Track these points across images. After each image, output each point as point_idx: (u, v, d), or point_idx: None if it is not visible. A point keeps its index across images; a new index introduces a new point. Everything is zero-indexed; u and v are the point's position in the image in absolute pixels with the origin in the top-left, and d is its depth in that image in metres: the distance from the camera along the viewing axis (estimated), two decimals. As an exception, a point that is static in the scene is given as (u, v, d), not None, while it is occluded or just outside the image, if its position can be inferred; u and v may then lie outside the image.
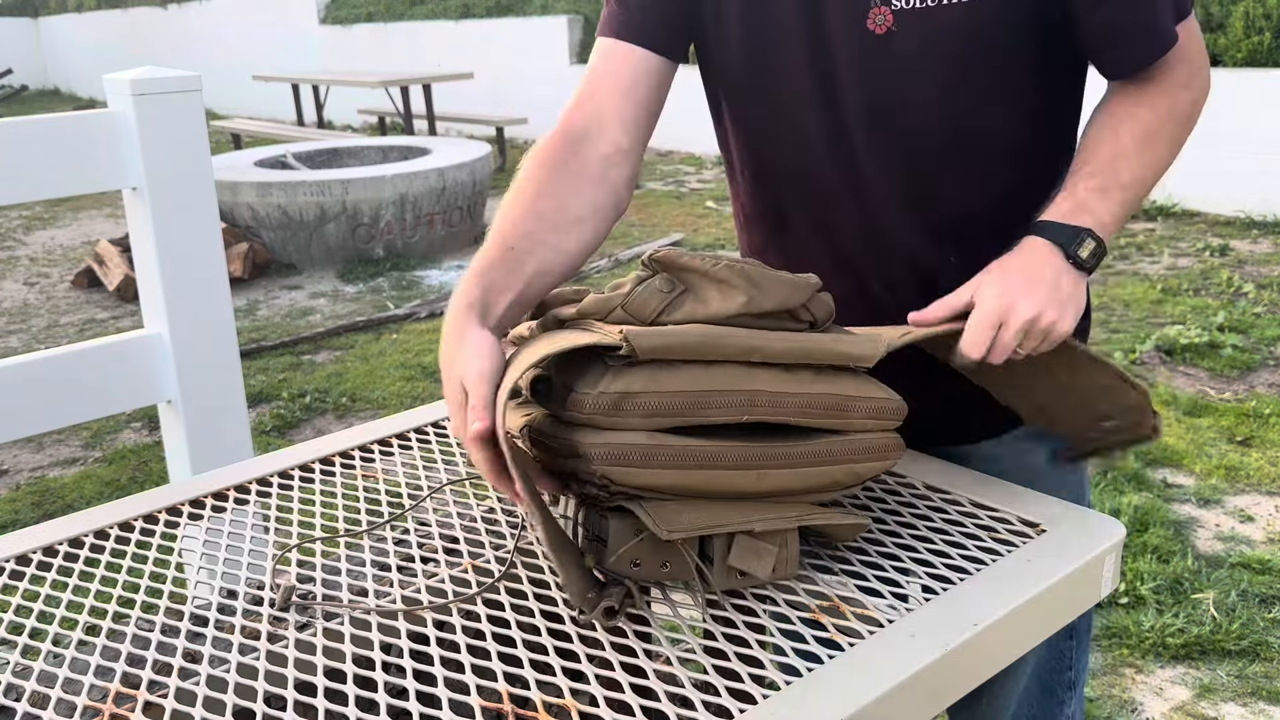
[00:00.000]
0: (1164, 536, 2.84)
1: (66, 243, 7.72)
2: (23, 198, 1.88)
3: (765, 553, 0.93)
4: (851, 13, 1.06)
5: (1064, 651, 1.27)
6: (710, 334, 0.91)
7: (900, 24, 1.05)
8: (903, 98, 1.08)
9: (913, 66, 1.06)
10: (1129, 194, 1.06)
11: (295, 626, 0.92)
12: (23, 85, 19.97)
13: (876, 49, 1.06)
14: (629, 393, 0.88)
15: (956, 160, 1.11)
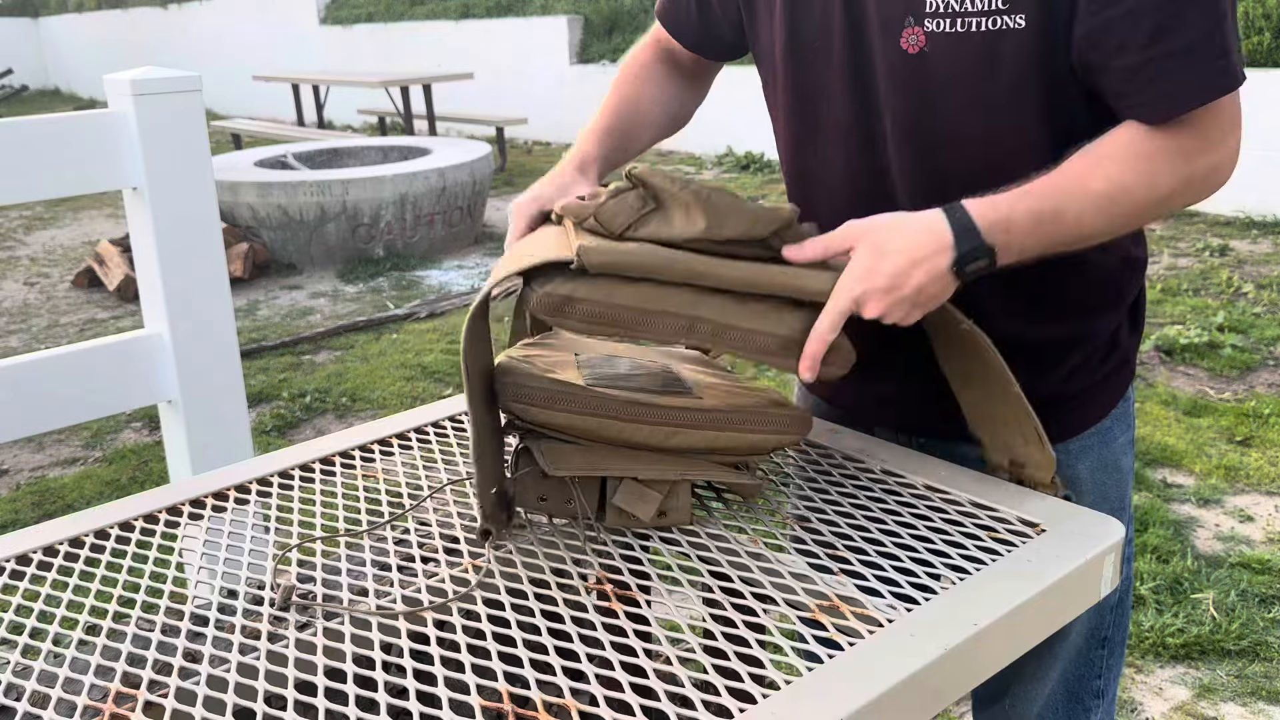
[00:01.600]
0: (1164, 536, 2.84)
1: (67, 243, 7.72)
2: (23, 198, 1.88)
3: (649, 498, 1.01)
4: (888, 30, 1.07)
5: (1094, 660, 1.25)
6: (662, 255, 0.96)
7: (933, 45, 1.05)
8: (933, 118, 1.08)
9: (943, 88, 1.06)
10: (1061, 235, 1.01)
11: (295, 626, 0.92)
12: (23, 85, 19.97)
13: (908, 68, 1.07)
14: (573, 297, 0.95)
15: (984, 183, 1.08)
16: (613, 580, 0.96)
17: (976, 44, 1.03)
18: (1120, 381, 1.23)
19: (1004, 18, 1.01)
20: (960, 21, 1.03)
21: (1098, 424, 1.21)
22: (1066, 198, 1.01)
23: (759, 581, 0.94)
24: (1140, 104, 1.01)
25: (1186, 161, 1.02)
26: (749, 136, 8.97)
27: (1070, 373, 1.19)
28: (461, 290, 5.76)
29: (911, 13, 1.05)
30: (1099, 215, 1.01)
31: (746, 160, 8.95)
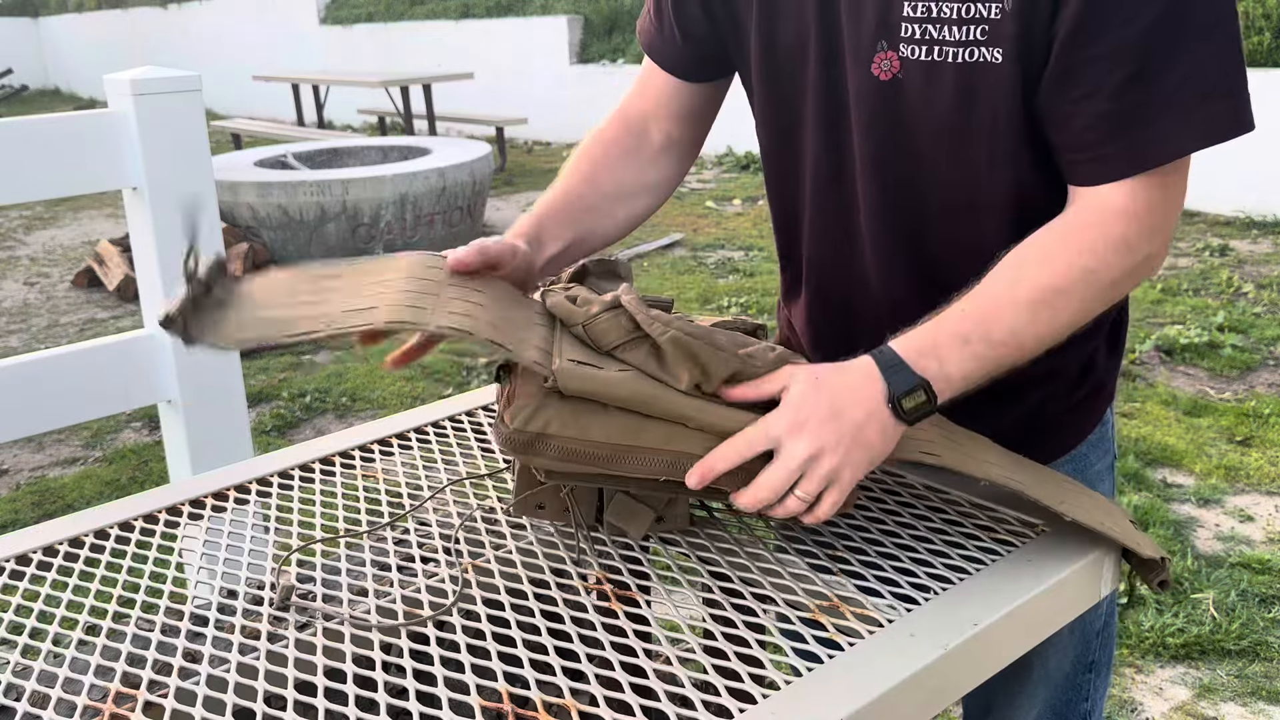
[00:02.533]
0: (1164, 536, 2.84)
1: (66, 243, 7.72)
2: (23, 198, 1.88)
3: (642, 515, 0.98)
4: (860, 55, 1.02)
5: (1081, 684, 1.22)
6: (644, 392, 0.89)
7: (907, 72, 1.00)
8: (902, 151, 1.04)
9: (915, 116, 1.01)
10: (996, 353, 0.94)
11: (295, 626, 0.92)
12: (23, 85, 19.98)
13: (880, 95, 1.02)
14: (545, 434, 0.89)
15: (951, 218, 1.05)
16: (612, 580, 0.96)
17: (951, 75, 0.97)
18: (1095, 407, 1.18)
19: (981, 49, 0.96)
20: (937, 49, 0.98)
21: (1071, 451, 1.17)
22: (993, 315, 0.94)
23: (758, 581, 0.94)
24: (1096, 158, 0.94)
25: (1126, 252, 0.95)
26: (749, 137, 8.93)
27: (1038, 404, 1.14)
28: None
29: (885, 37, 1.00)
30: (1034, 326, 0.95)
31: (746, 160, 8.95)
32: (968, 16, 0.95)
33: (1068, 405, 1.16)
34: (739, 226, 6.88)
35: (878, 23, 1.00)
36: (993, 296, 0.95)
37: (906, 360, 0.92)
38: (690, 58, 1.21)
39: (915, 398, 0.91)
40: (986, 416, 1.10)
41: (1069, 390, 1.15)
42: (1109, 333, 1.17)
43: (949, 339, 0.93)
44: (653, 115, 1.25)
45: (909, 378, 0.91)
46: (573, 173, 1.21)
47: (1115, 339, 1.18)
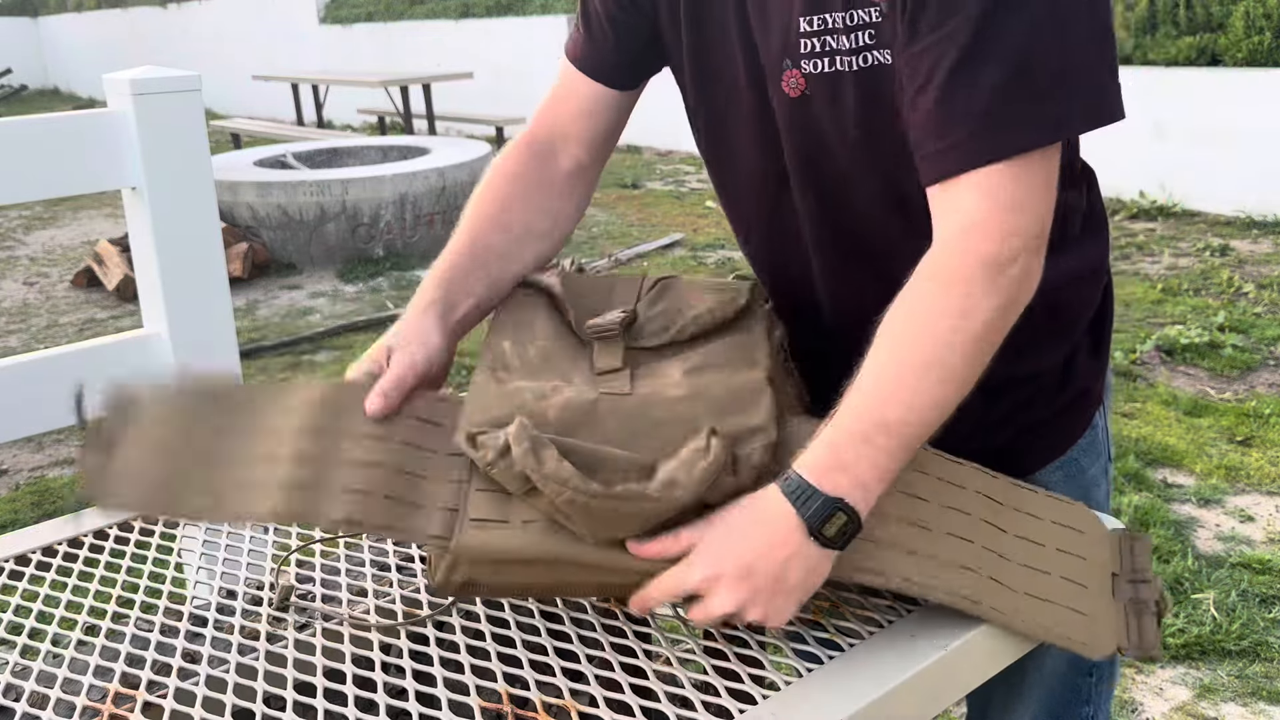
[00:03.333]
0: (1164, 536, 2.84)
1: (66, 243, 7.72)
2: (22, 198, 1.88)
3: None
4: (773, 74, 1.03)
5: (1079, 686, 1.19)
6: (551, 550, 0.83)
7: (813, 88, 1.00)
8: (822, 157, 1.04)
9: (829, 127, 1.01)
10: (902, 434, 0.88)
11: (294, 627, 0.91)
12: (22, 85, 19.98)
13: (794, 110, 1.03)
14: (472, 581, 0.86)
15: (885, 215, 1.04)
16: (612, 581, 0.96)
17: (850, 83, 0.97)
18: (1082, 412, 1.15)
19: (873, 53, 0.95)
20: (837, 59, 0.97)
21: (1061, 457, 1.14)
22: (882, 401, 0.88)
23: (759, 582, 0.94)
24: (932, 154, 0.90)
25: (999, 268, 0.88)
26: (749, 136, 8.96)
27: (1020, 407, 1.11)
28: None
29: (789, 55, 1.00)
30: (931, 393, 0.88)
31: (746, 160, 8.96)
32: (855, 23, 0.95)
33: (1053, 409, 1.13)
34: (739, 226, 6.88)
35: (782, 42, 1.00)
36: (878, 382, 0.89)
37: (814, 484, 0.85)
38: (619, 58, 1.15)
39: (835, 522, 0.84)
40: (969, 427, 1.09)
41: (1052, 394, 1.12)
42: (1089, 332, 1.13)
43: (849, 443, 0.87)
44: (562, 138, 1.18)
45: (822, 503, 0.84)
46: (480, 217, 1.13)
47: (1098, 340, 1.14)
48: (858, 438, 0.87)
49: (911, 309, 0.90)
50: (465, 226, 1.12)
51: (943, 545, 0.89)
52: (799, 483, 0.85)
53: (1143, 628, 0.90)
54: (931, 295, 0.90)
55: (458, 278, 1.08)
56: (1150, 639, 0.89)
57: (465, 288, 1.08)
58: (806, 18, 0.98)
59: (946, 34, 0.87)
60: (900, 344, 0.89)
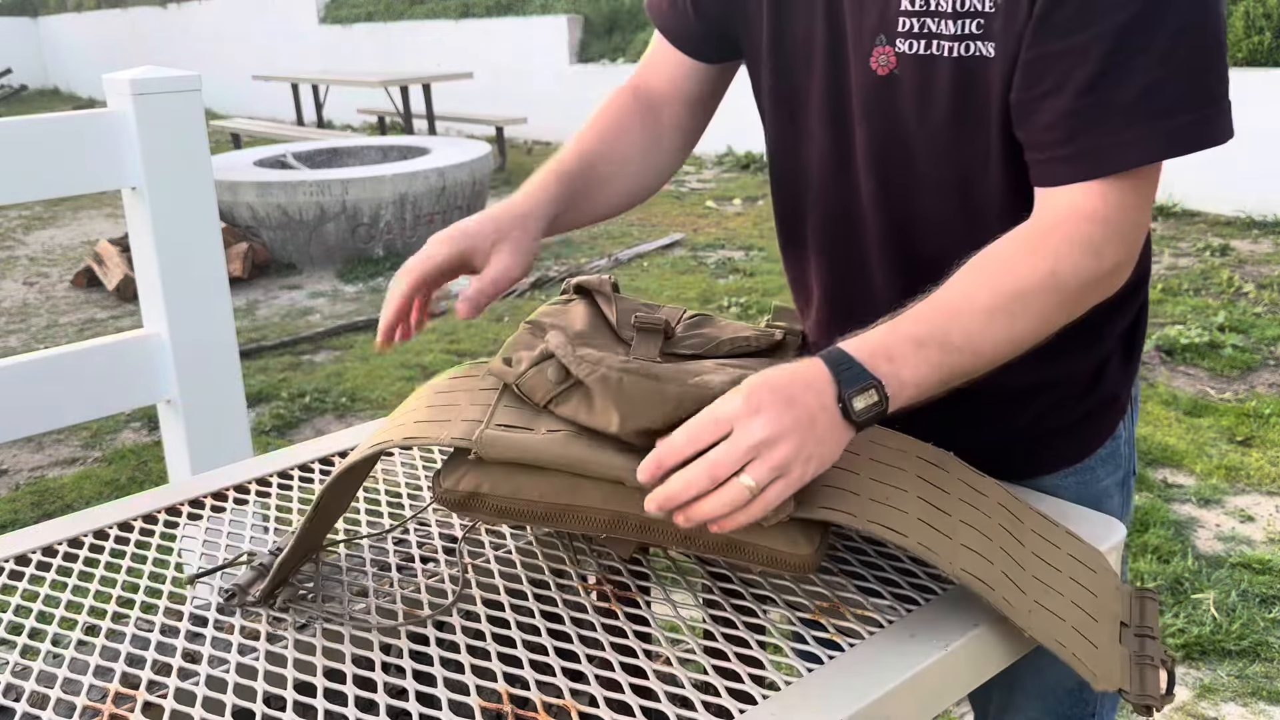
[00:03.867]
0: (1164, 536, 2.84)
1: (66, 243, 7.72)
2: (23, 197, 1.88)
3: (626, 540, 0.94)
4: (860, 49, 1.02)
5: (1086, 699, 1.18)
6: (573, 455, 0.85)
7: (904, 68, 0.99)
8: (901, 141, 1.03)
9: (911, 112, 1.00)
10: (952, 360, 0.89)
11: (294, 627, 0.92)
12: (22, 85, 19.97)
13: (878, 89, 1.01)
14: (478, 493, 0.88)
15: (947, 212, 1.04)
16: (612, 581, 0.96)
17: (946, 70, 0.96)
18: (1106, 420, 1.14)
19: (976, 44, 0.94)
20: (934, 43, 0.96)
21: (1076, 465, 1.13)
22: (950, 318, 0.90)
23: (758, 582, 0.94)
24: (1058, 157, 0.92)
25: (1093, 256, 0.91)
26: (749, 137, 8.96)
27: (1044, 410, 1.11)
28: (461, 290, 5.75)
29: (884, 30, 0.99)
30: (993, 333, 0.90)
31: (746, 160, 8.96)
32: (963, 10, 0.94)
33: (1078, 414, 1.12)
34: (739, 226, 6.88)
35: (877, 17, 0.99)
36: (951, 301, 0.90)
37: (859, 359, 0.86)
38: (702, 35, 1.18)
39: (867, 397, 0.84)
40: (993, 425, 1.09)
41: (1080, 397, 1.12)
42: (1123, 340, 1.13)
43: (902, 341, 0.88)
44: (663, 95, 1.22)
45: (861, 375, 0.85)
46: (591, 139, 1.17)
47: (1130, 348, 1.14)
48: (913, 340, 0.88)
49: (1002, 252, 0.92)
50: (575, 147, 1.16)
51: (960, 532, 0.89)
52: (840, 354, 0.86)
53: (1145, 679, 0.87)
54: (1025, 247, 0.92)
55: (564, 190, 1.11)
56: (1152, 689, 0.87)
57: (568, 200, 1.11)
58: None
59: (1087, 41, 0.88)
60: (982, 276, 0.91)
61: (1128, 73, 0.88)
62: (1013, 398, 1.10)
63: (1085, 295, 0.93)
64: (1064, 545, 0.96)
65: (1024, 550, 0.92)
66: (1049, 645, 0.85)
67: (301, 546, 0.95)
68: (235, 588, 0.95)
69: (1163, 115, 0.88)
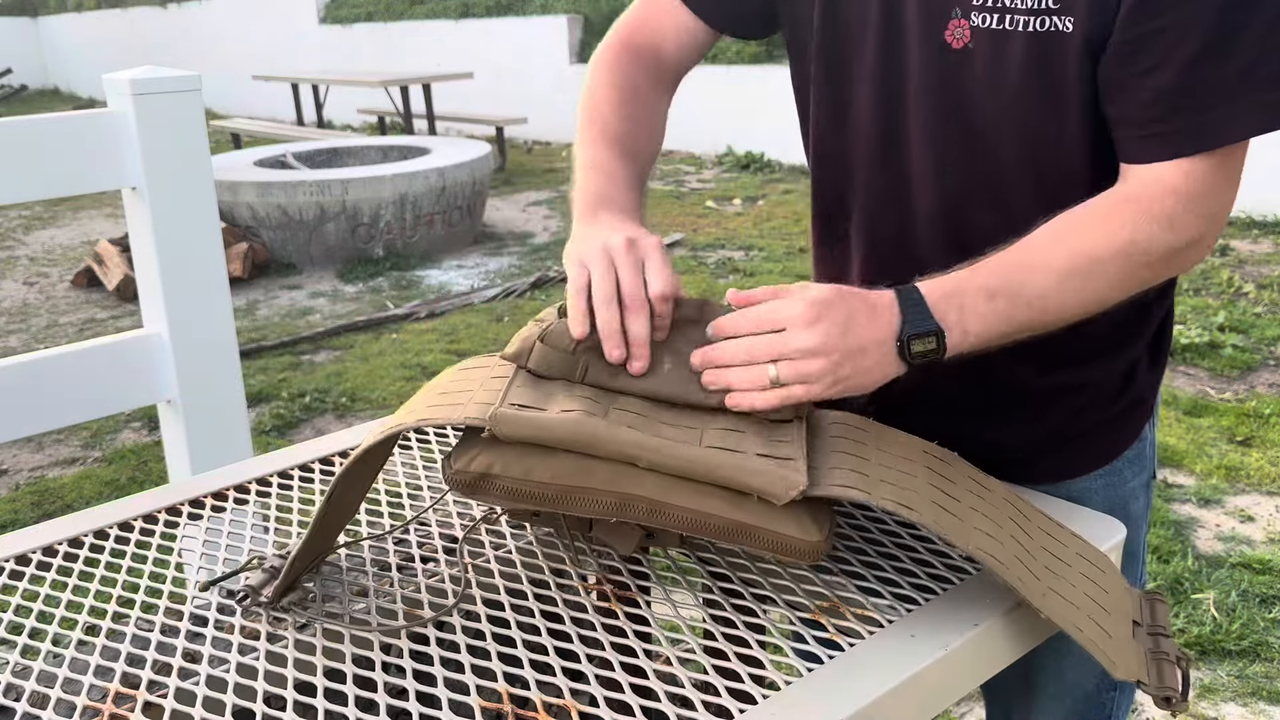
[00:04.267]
0: (1164, 536, 2.84)
1: (66, 242, 7.72)
2: (23, 197, 1.88)
3: (631, 533, 0.94)
4: (931, 21, 1.00)
5: (1104, 702, 1.18)
6: (585, 433, 0.86)
7: (978, 41, 0.98)
8: (968, 116, 1.02)
9: (983, 86, 0.99)
10: (1020, 314, 0.92)
11: (294, 627, 0.91)
12: (22, 85, 19.97)
13: (950, 62, 1.00)
14: (489, 474, 0.88)
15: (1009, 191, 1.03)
16: (612, 581, 0.96)
17: (1020, 44, 0.96)
18: (1134, 421, 1.14)
19: (1052, 18, 0.94)
20: (1009, 18, 0.96)
21: (1106, 465, 1.14)
22: (1026, 273, 0.93)
23: (758, 582, 0.94)
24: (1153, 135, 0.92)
25: (1172, 230, 0.93)
26: (749, 136, 8.98)
27: (1076, 412, 1.12)
28: (461, 290, 5.76)
29: (959, 4, 0.98)
30: (1064, 294, 0.93)
31: (746, 160, 8.95)
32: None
33: (1107, 416, 1.12)
34: (739, 226, 6.88)
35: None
36: (1027, 256, 0.93)
37: (929, 302, 0.90)
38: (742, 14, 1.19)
39: (925, 342, 0.89)
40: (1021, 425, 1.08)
41: (1109, 400, 1.12)
42: (1151, 344, 1.13)
43: (976, 291, 0.92)
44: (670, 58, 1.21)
45: (926, 320, 0.90)
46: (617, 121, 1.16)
47: (1157, 351, 1.14)
48: (985, 291, 0.91)
49: (1081, 216, 0.94)
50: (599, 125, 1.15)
51: (970, 517, 0.90)
52: (916, 295, 0.91)
53: (1163, 673, 0.87)
54: (1105, 214, 0.94)
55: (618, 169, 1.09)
56: (1171, 681, 0.86)
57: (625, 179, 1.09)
58: None
59: (1188, 17, 0.88)
60: (1061, 236, 0.93)
61: (1231, 49, 0.88)
62: (1046, 397, 1.10)
63: (1160, 268, 0.95)
64: (1070, 545, 0.96)
65: (1033, 542, 0.93)
66: (1066, 628, 0.84)
67: (315, 542, 0.95)
68: (248, 589, 0.95)
69: (1265, 89, 0.89)
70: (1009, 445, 1.02)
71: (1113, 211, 0.94)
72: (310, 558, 0.96)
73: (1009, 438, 1.05)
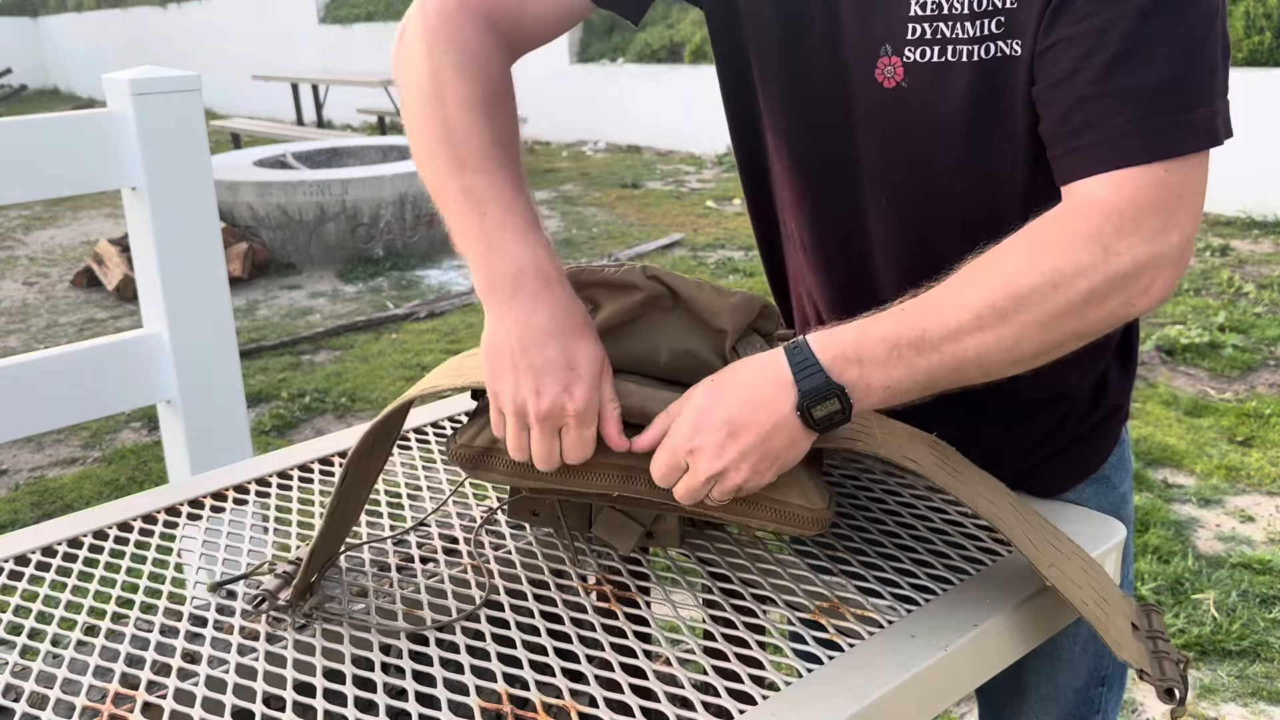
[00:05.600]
0: (1164, 536, 2.84)
1: (66, 242, 7.72)
2: (22, 197, 1.88)
3: (630, 529, 0.95)
4: (865, 58, 0.94)
5: (1094, 698, 1.19)
6: None
7: (913, 79, 0.92)
8: (910, 153, 0.96)
9: (924, 124, 0.94)
10: (930, 361, 0.82)
11: (294, 627, 0.91)
12: (22, 85, 19.97)
13: (884, 101, 0.94)
14: (492, 449, 0.90)
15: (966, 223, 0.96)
16: (612, 581, 0.96)
17: (963, 75, 0.90)
18: (1112, 427, 1.13)
19: (998, 43, 0.88)
20: (950, 49, 0.90)
21: (1094, 474, 1.13)
22: (931, 316, 0.82)
23: (758, 582, 0.94)
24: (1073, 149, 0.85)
25: (1107, 255, 0.80)
26: (749, 136, 8.95)
27: (1054, 427, 1.09)
28: (461, 290, 5.75)
29: (890, 40, 0.92)
30: (984, 335, 0.81)
31: (746, 160, 8.95)
32: (980, 9, 0.88)
33: (1086, 427, 1.11)
34: (739, 226, 6.88)
35: (885, 25, 0.92)
36: (936, 298, 0.84)
37: (823, 363, 0.82)
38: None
39: (827, 406, 0.81)
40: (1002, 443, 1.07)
41: (1085, 413, 1.10)
42: (1119, 350, 1.11)
43: (876, 345, 0.82)
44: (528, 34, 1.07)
45: (822, 384, 0.81)
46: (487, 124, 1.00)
47: (1127, 357, 1.12)
48: (885, 343, 0.82)
49: (1001, 249, 0.84)
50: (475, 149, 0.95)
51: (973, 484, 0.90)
52: (807, 355, 0.83)
53: (1164, 667, 0.86)
54: (1027, 242, 0.84)
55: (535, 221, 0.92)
56: (1172, 675, 0.86)
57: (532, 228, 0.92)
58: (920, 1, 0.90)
59: (1104, 23, 0.82)
60: (975, 272, 0.83)
61: (1148, 58, 0.82)
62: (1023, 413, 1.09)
63: (1097, 301, 0.82)
64: (1067, 544, 0.96)
65: (1035, 532, 0.93)
66: (1073, 601, 0.85)
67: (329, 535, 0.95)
68: (264, 593, 0.94)
69: (1183, 107, 0.82)
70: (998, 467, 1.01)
71: (1035, 239, 0.84)
72: (325, 554, 0.97)
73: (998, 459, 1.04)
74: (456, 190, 0.92)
